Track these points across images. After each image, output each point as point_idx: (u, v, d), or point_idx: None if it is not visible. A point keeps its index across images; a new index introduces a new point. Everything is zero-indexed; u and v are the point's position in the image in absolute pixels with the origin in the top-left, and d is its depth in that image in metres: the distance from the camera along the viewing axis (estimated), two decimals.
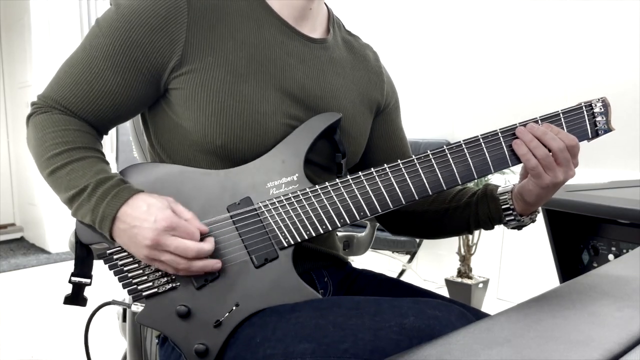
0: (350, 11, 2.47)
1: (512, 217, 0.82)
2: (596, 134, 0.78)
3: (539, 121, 0.76)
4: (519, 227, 0.85)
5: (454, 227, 0.90)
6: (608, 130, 0.78)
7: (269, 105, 0.76)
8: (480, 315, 0.75)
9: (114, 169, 0.77)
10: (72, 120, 0.75)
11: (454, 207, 0.89)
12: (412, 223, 0.95)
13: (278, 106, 0.77)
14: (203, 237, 0.70)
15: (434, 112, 3.03)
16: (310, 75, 0.81)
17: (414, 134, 2.94)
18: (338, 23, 0.93)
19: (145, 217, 0.67)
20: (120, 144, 1.64)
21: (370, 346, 0.59)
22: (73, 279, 0.76)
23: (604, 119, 0.78)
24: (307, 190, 0.74)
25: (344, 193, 0.74)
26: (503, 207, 0.83)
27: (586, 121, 0.77)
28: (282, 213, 0.73)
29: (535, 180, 0.75)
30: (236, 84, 0.75)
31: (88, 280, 0.77)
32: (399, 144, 0.96)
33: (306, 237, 0.74)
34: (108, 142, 3.85)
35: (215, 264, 0.71)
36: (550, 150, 0.73)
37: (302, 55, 0.81)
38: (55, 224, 3.87)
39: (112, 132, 1.06)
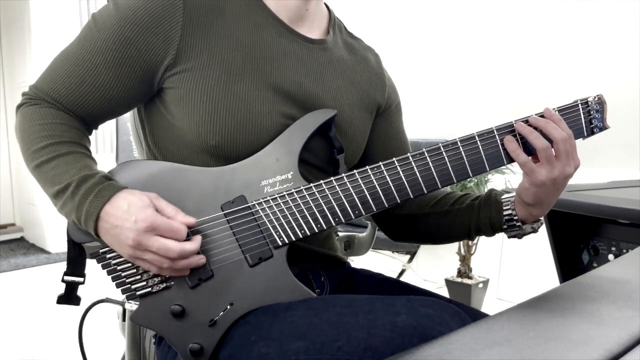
0: (351, 12, 2.47)
1: (513, 223, 0.80)
2: (592, 132, 0.76)
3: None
4: (519, 236, 0.82)
5: (455, 231, 0.88)
6: (603, 127, 0.77)
7: (265, 105, 0.75)
8: (478, 315, 0.75)
9: None
10: (60, 114, 0.75)
11: (455, 209, 0.86)
12: (413, 227, 0.93)
13: (273, 106, 0.76)
14: (192, 230, 0.70)
15: (434, 112, 3.03)
16: (308, 76, 0.81)
17: (414, 134, 2.93)
18: (339, 25, 0.92)
19: (126, 217, 0.67)
20: (120, 144, 1.64)
21: (363, 344, 0.59)
22: (66, 277, 0.76)
23: (600, 116, 0.76)
24: (302, 188, 0.73)
25: (339, 191, 0.73)
26: (505, 212, 0.81)
27: (582, 118, 0.76)
28: (277, 212, 0.73)
29: (529, 178, 0.74)
30: (231, 84, 0.74)
31: (81, 279, 0.77)
32: (400, 146, 0.95)
33: (301, 236, 0.73)
34: (108, 142, 3.85)
35: (199, 259, 0.70)
36: (552, 141, 0.71)
37: (299, 55, 0.81)
38: (55, 224, 3.87)
39: (112, 132, 1.06)
